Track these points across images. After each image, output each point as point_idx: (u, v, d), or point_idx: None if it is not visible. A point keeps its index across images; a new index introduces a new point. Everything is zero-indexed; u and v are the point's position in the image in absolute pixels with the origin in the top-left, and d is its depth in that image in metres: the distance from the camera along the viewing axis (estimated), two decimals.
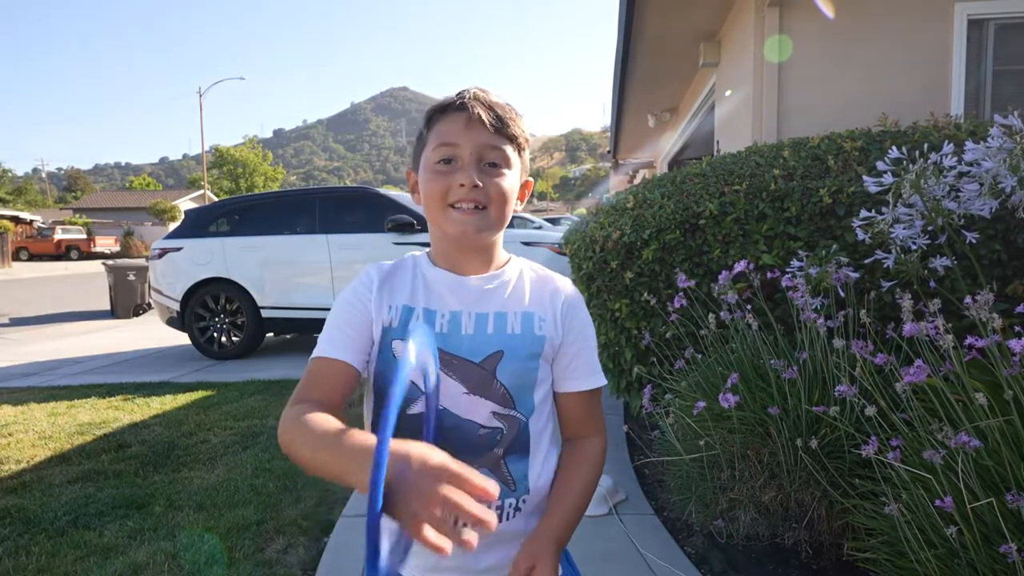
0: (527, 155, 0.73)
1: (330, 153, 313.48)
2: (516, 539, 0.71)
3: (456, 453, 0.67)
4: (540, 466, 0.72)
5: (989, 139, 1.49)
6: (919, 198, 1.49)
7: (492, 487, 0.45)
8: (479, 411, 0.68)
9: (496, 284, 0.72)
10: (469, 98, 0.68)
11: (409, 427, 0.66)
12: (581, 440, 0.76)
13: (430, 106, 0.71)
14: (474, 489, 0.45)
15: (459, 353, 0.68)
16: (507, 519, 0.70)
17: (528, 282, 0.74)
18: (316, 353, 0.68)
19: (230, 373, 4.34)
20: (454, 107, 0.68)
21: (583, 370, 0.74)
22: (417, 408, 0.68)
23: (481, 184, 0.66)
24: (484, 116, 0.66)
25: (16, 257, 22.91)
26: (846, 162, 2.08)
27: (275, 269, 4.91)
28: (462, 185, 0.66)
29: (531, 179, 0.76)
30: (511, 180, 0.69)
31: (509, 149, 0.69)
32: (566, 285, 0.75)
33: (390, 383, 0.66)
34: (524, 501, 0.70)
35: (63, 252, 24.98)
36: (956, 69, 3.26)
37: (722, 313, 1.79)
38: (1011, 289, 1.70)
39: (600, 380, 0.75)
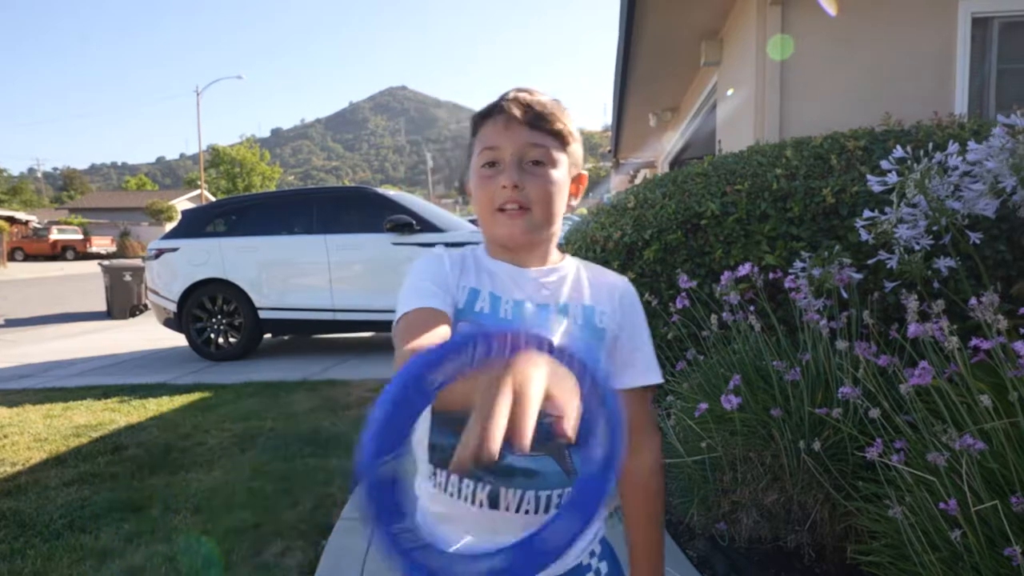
0: (577, 148, 0.72)
1: (328, 152, 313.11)
2: None
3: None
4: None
5: (992, 139, 1.48)
6: (923, 198, 1.48)
7: (526, 440, 0.34)
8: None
9: (556, 278, 0.72)
10: (508, 100, 0.68)
11: None
12: (634, 455, 0.73)
13: (475, 113, 0.72)
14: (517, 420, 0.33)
15: None
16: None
17: (585, 277, 0.74)
18: (407, 307, 0.63)
19: (227, 375, 4.32)
20: (495, 111, 0.69)
21: (641, 364, 0.73)
22: None
23: (522, 185, 0.66)
24: (522, 115, 0.67)
25: (11, 257, 22.82)
26: (849, 161, 2.06)
27: (273, 270, 4.89)
28: (504, 187, 0.66)
29: (584, 172, 0.75)
30: (556, 177, 0.69)
31: (552, 145, 0.68)
32: (621, 279, 0.76)
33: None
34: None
35: (59, 252, 24.88)
36: (960, 68, 3.25)
37: (724, 314, 1.78)
38: (1016, 290, 1.69)
39: (657, 376, 0.74)
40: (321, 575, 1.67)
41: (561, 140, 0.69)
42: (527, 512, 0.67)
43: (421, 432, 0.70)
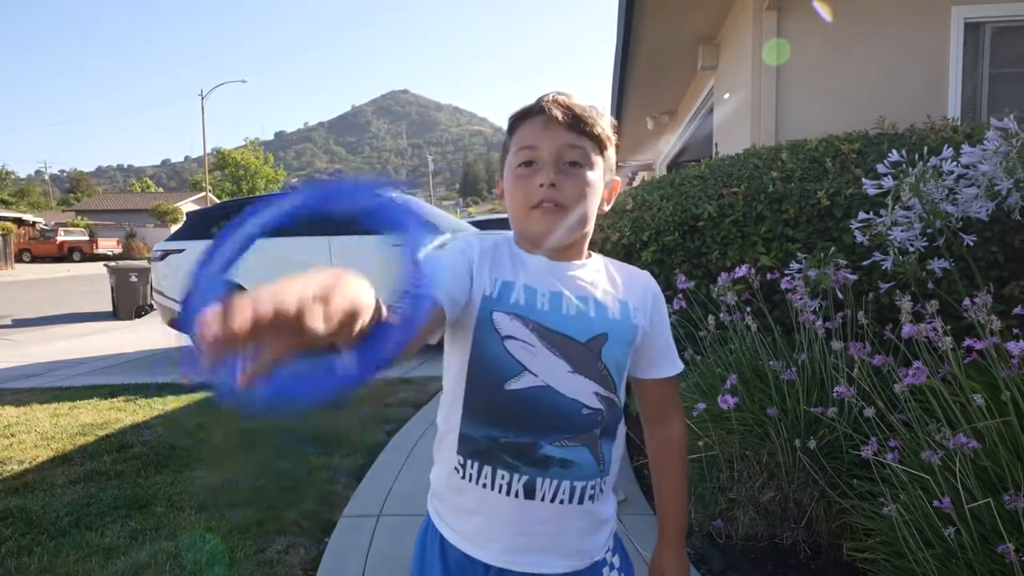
0: (612, 154, 0.74)
1: (331, 156, 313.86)
2: (604, 523, 0.73)
3: (559, 431, 0.68)
4: (619, 447, 0.75)
5: (986, 142, 1.50)
6: (918, 201, 1.50)
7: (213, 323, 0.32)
8: (583, 391, 0.69)
9: (590, 271, 0.73)
10: (547, 101, 0.69)
11: (510, 401, 0.67)
12: (665, 427, 0.80)
13: (512, 113, 0.73)
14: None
15: (563, 331, 0.68)
16: (595, 501, 0.70)
17: (616, 274, 0.76)
18: None
19: None
20: (533, 112, 0.70)
21: (670, 357, 0.78)
22: (518, 384, 0.67)
23: (559, 184, 0.67)
24: (561, 117, 0.68)
25: (19, 259, 22.94)
26: (844, 164, 2.08)
27: (277, 271, 4.87)
28: (541, 185, 0.67)
29: (618, 179, 0.77)
30: (592, 178, 0.70)
31: (589, 148, 0.70)
32: (648, 276, 0.79)
33: (487, 354, 0.67)
34: (605, 482, 0.72)
35: (65, 254, 25.02)
36: (953, 72, 3.27)
37: (721, 314, 1.80)
38: (1008, 291, 1.70)
39: (680, 365, 0.79)
40: (324, 572, 1.69)
41: (598, 144, 0.70)
42: (561, 502, 0.68)
43: (450, 423, 0.70)
